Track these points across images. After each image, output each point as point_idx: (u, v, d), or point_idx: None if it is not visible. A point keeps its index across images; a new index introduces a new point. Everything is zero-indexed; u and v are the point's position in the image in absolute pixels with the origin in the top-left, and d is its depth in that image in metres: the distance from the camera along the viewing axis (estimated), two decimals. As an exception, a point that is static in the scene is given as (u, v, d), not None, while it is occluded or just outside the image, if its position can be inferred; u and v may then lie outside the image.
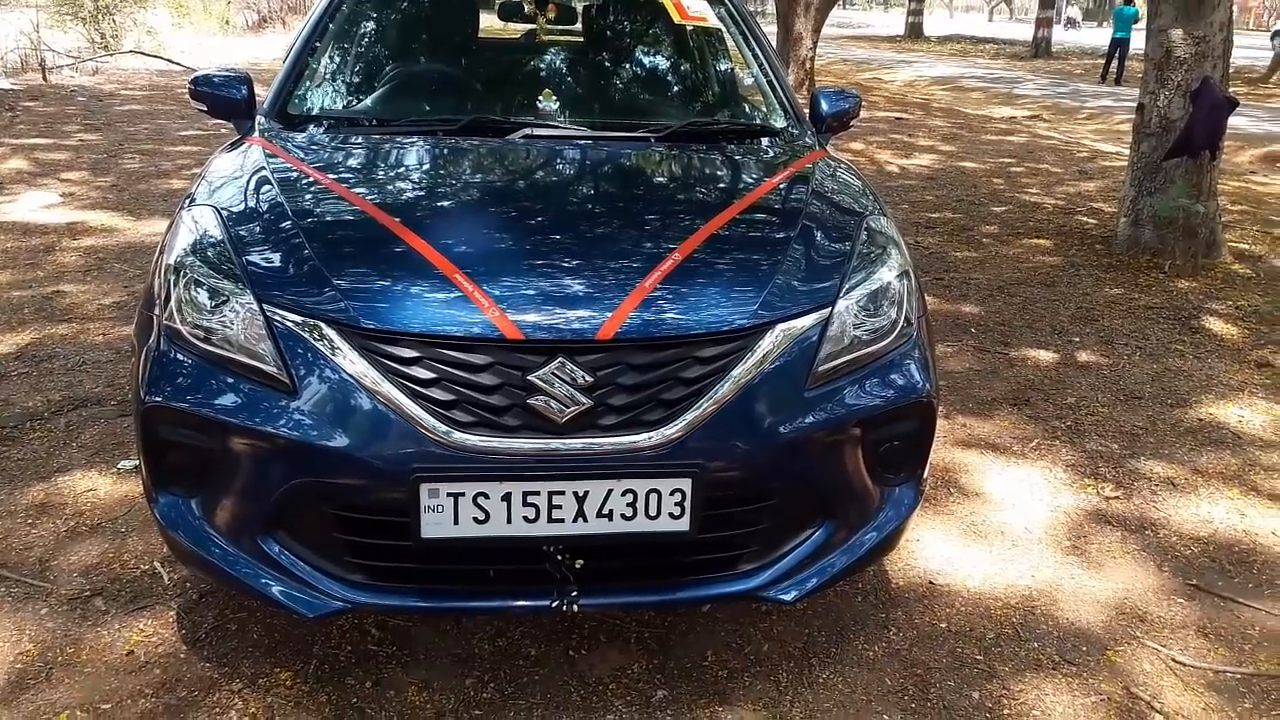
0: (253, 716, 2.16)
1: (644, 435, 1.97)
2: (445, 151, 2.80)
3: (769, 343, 2.07)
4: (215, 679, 2.26)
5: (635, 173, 2.83)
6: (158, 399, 2.05)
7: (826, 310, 2.17)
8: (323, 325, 1.99)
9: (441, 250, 2.15)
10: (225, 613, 2.48)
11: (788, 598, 2.16)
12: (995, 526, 3.07)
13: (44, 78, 12.62)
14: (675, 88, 3.57)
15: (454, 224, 2.36)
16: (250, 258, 2.14)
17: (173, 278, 2.15)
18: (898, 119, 13.47)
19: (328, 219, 2.31)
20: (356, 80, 3.34)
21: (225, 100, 2.97)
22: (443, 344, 1.96)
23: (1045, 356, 4.52)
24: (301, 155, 2.67)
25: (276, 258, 2.15)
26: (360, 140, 2.87)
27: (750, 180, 2.80)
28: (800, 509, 2.19)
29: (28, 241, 5.70)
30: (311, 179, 2.50)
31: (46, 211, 6.42)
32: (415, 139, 2.85)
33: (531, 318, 1.99)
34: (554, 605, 2.04)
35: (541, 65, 3.38)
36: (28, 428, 3.40)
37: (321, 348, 1.97)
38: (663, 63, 3.65)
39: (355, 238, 2.24)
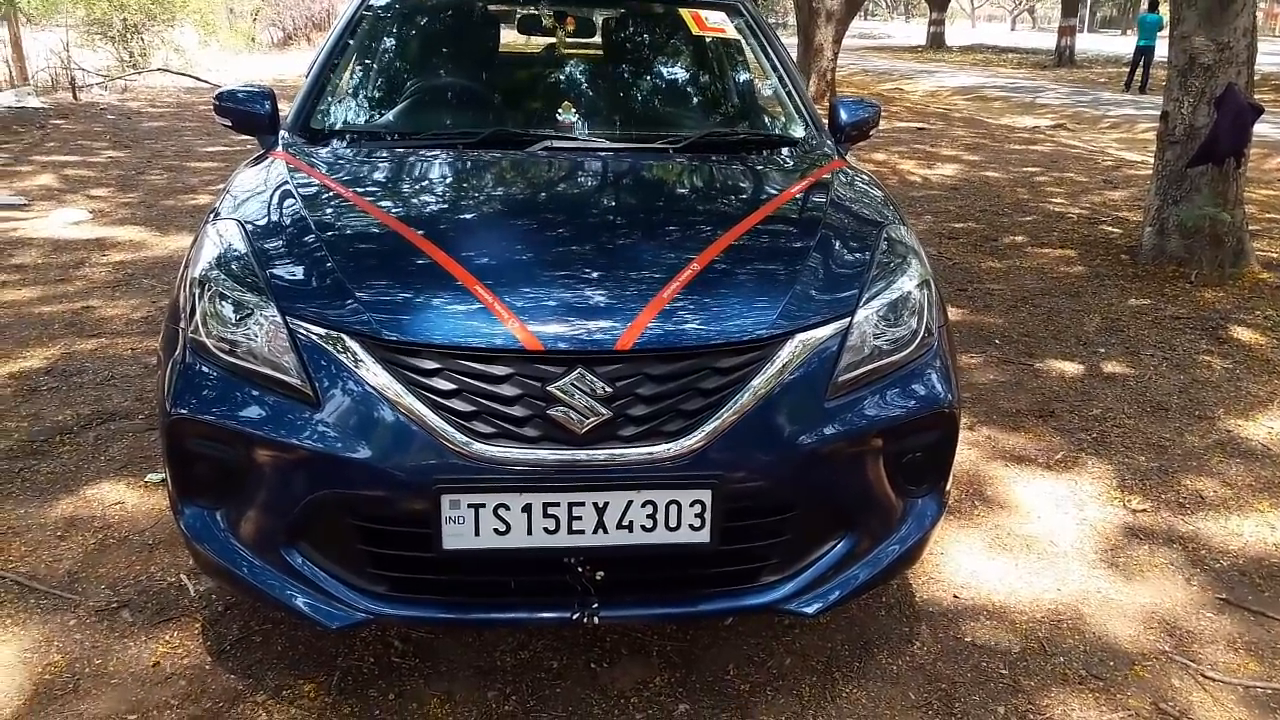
0: (277, 728, 2.17)
1: (663, 446, 1.98)
2: (466, 164, 2.82)
3: (788, 353, 2.07)
4: (240, 690, 2.27)
5: (654, 184, 2.84)
6: (183, 411, 2.07)
7: (846, 320, 2.16)
8: (345, 337, 2.00)
9: (462, 262, 2.16)
10: (250, 624, 2.50)
11: (810, 610, 2.15)
12: (1020, 539, 3.05)
13: (74, 96, 12.82)
14: (694, 99, 3.59)
15: (474, 236, 2.38)
16: (274, 271, 2.17)
17: (198, 291, 2.18)
18: (920, 129, 13.44)
19: (350, 232, 2.33)
20: (378, 95, 3.38)
21: (249, 115, 3.01)
22: (463, 355, 1.97)
23: (1070, 368, 4.49)
24: (324, 169, 2.70)
25: (300, 271, 2.17)
26: (382, 154, 2.90)
27: (769, 190, 2.80)
28: (822, 521, 2.18)
29: (57, 258, 5.78)
30: (334, 192, 2.53)
31: (75, 228, 6.51)
32: (436, 152, 2.88)
33: (551, 329, 2.00)
34: (575, 617, 2.04)
35: (561, 78, 3.40)
36: (57, 441, 3.45)
37: (344, 360, 1.99)
38: (682, 74, 3.66)
39: (377, 250, 2.26)
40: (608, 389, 1.96)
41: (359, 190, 2.56)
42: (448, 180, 2.75)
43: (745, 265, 2.28)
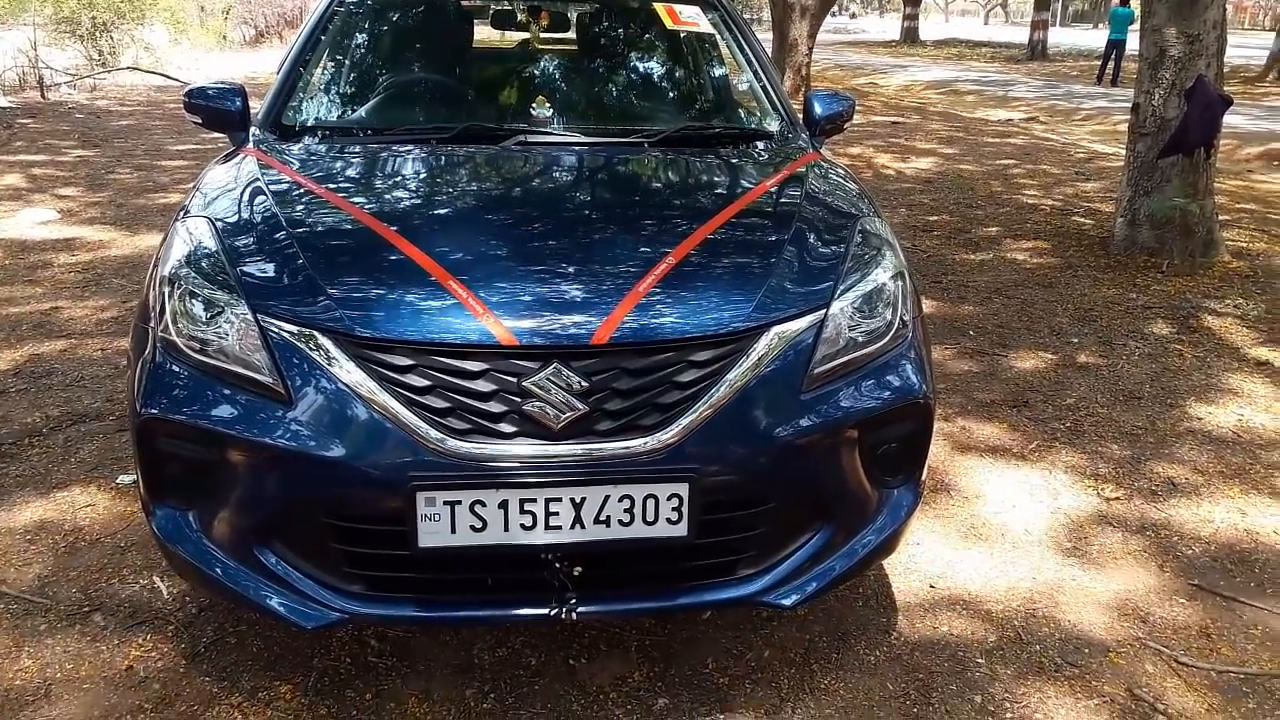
0: (252, 730, 2.15)
1: (640, 440, 1.97)
2: (439, 159, 2.81)
3: (764, 346, 2.07)
4: (215, 693, 2.25)
5: (629, 178, 2.83)
6: (153, 411, 2.05)
7: (821, 312, 2.17)
8: (317, 334, 1.99)
9: (436, 257, 2.15)
10: (225, 626, 2.47)
11: (787, 602, 2.15)
12: (995, 529, 3.07)
13: (42, 95, 12.66)
14: (669, 93, 3.58)
15: (448, 231, 2.36)
16: (244, 268, 2.14)
17: (167, 289, 2.15)
18: (894, 123, 13.49)
19: (322, 228, 2.31)
20: (350, 90, 3.35)
21: (220, 112, 2.98)
22: (437, 351, 1.96)
23: (1044, 358, 4.52)
24: (295, 165, 2.68)
25: (271, 268, 2.15)
26: (354, 150, 2.87)
27: (744, 184, 2.80)
28: (798, 513, 2.18)
29: (25, 258, 5.71)
30: (305, 189, 2.50)
31: (43, 227, 6.43)
32: (409, 147, 2.86)
33: (526, 323, 1.99)
34: (553, 614, 2.03)
35: (535, 72, 3.39)
36: (26, 444, 3.40)
37: (316, 357, 1.97)
38: (656, 68, 3.65)
39: (349, 246, 2.24)
40: (584, 383, 1.96)
41: (331, 186, 2.54)
42: (420, 175, 2.74)
43: (720, 259, 2.28)
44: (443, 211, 2.50)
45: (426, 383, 1.95)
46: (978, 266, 6.07)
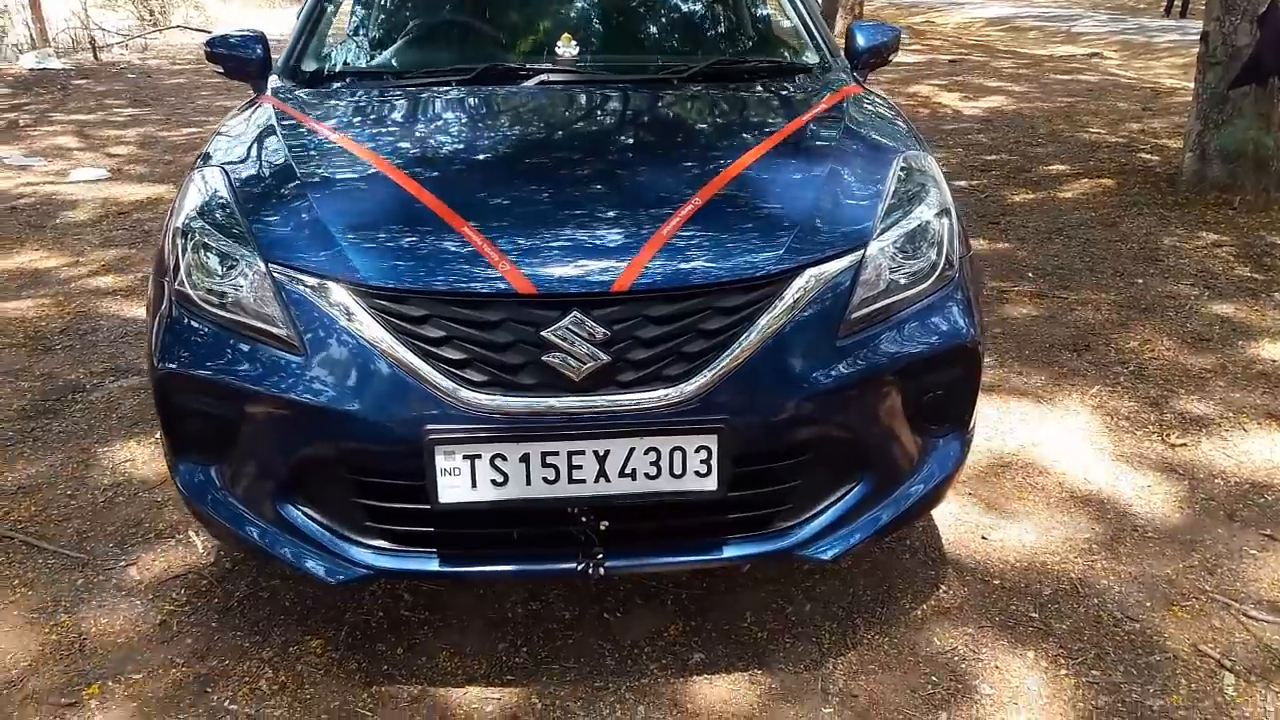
0: (282, 685, 2.13)
1: (665, 390, 1.88)
2: (457, 102, 2.71)
3: (797, 289, 1.96)
4: (246, 648, 2.24)
5: (655, 116, 2.71)
6: (170, 366, 2.01)
7: (859, 253, 2.04)
8: (330, 284, 1.92)
9: (451, 204, 2.07)
10: (257, 581, 2.46)
11: (826, 556, 2.06)
12: (1053, 477, 2.93)
13: (94, 56, 12.75)
14: (701, 28, 3.41)
15: (464, 176, 2.27)
16: (257, 218, 2.09)
17: (181, 241, 2.11)
18: (953, 61, 13.03)
19: (336, 176, 2.24)
20: (368, 35, 3.27)
21: (240, 60, 2.94)
22: (452, 300, 1.89)
23: (1107, 299, 4.31)
24: (311, 112, 2.61)
25: (283, 217, 2.09)
26: (371, 94, 2.79)
27: (778, 119, 2.66)
28: (837, 464, 2.08)
29: (75, 216, 5.75)
30: (320, 135, 2.43)
31: (93, 186, 6.48)
32: (429, 90, 2.77)
33: (544, 271, 1.91)
34: (580, 569, 1.97)
35: (561, 9, 3.25)
36: (70, 400, 3.42)
37: (329, 308, 1.91)
38: (688, 3, 3.49)
39: (363, 193, 2.17)
40: (605, 332, 1.87)
41: (346, 133, 2.46)
42: (438, 119, 2.64)
43: (751, 198, 2.16)
44: (460, 156, 2.41)
45: (442, 334, 1.88)
46: (1038, 206, 5.83)
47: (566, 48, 2.93)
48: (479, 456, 1.86)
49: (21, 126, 8.29)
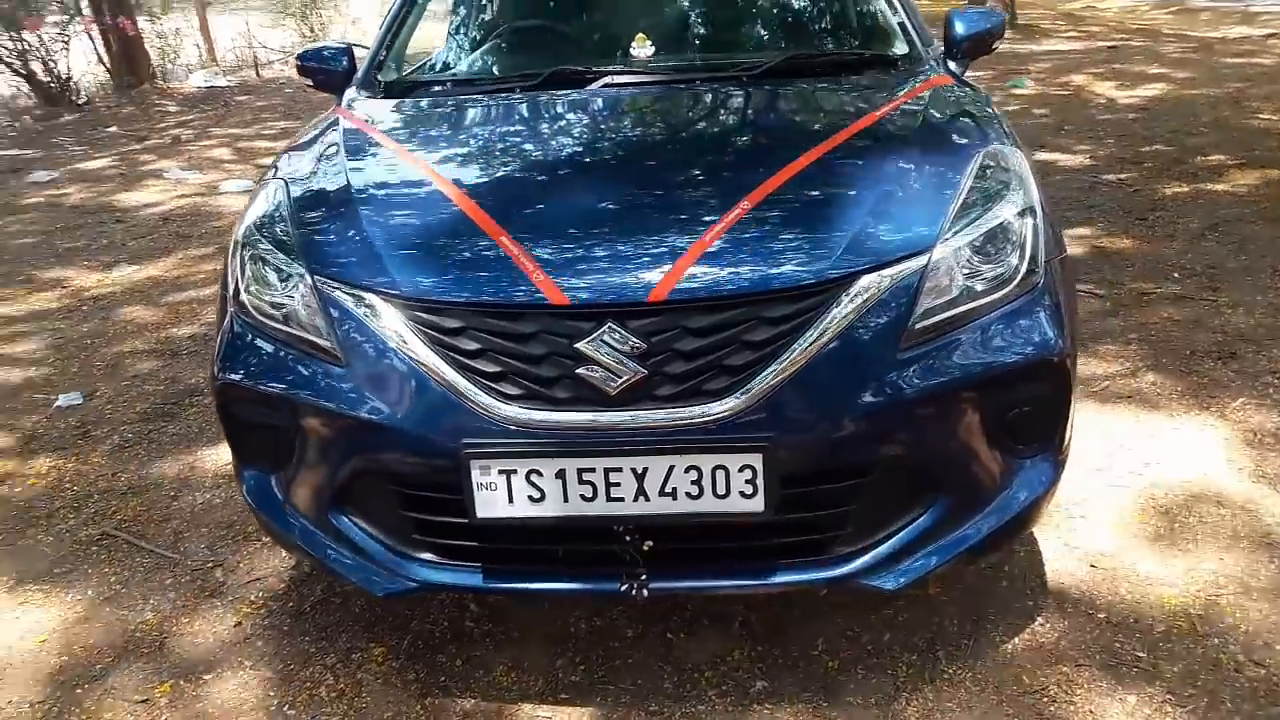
0: (341, 692, 2.14)
1: (706, 406, 1.79)
2: (518, 108, 2.70)
3: (852, 296, 1.83)
4: (312, 653, 2.26)
5: (717, 117, 2.62)
6: (227, 376, 2.04)
7: (925, 256, 1.89)
8: (369, 296, 1.91)
9: (492, 213, 2.03)
10: (331, 586, 2.48)
11: (888, 586, 1.91)
12: (1181, 500, 2.66)
13: (256, 73, 13.50)
14: (778, 21, 3.25)
15: (511, 185, 2.24)
16: (307, 230, 2.11)
17: (240, 254, 2.15)
18: (1112, 48, 12.27)
19: (386, 186, 2.25)
20: (456, 40, 3.29)
21: (329, 73, 3.00)
22: (486, 312, 1.85)
23: (1261, 302, 3.92)
24: (376, 122, 2.64)
25: (331, 228, 2.11)
26: (439, 103, 2.80)
27: (848, 115, 2.51)
28: (903, 486, 1.94)
29: (221, 226, 6.06)
30: (380, 146, 2.45)
31: (242, 198, 6.81)
32: (492, 97, 2.77)
33: (579, 281, 1.84)
34: (623, 590, 1.89)
35: (635, 9, 3.18)
36: (186, 404, 3.57)
37: (369, 320, 1.90)
38: None
39: (409, 203, 2.17)
40: (641, 345, 1.79)
41: (404, 143, 2.48)
42: (496, 127, 2.63)
43: (806, 200, 2.04)
44: (509, 164, 2.38)
45: (477, 346, 1.84)
46: (1191, 200, 5.38)
47: (641, 48, 2.86)
48: (514, 472, 1.81)
49: (183, 141, 8.82)
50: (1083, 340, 3.63)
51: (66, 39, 11.43)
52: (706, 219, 1.95)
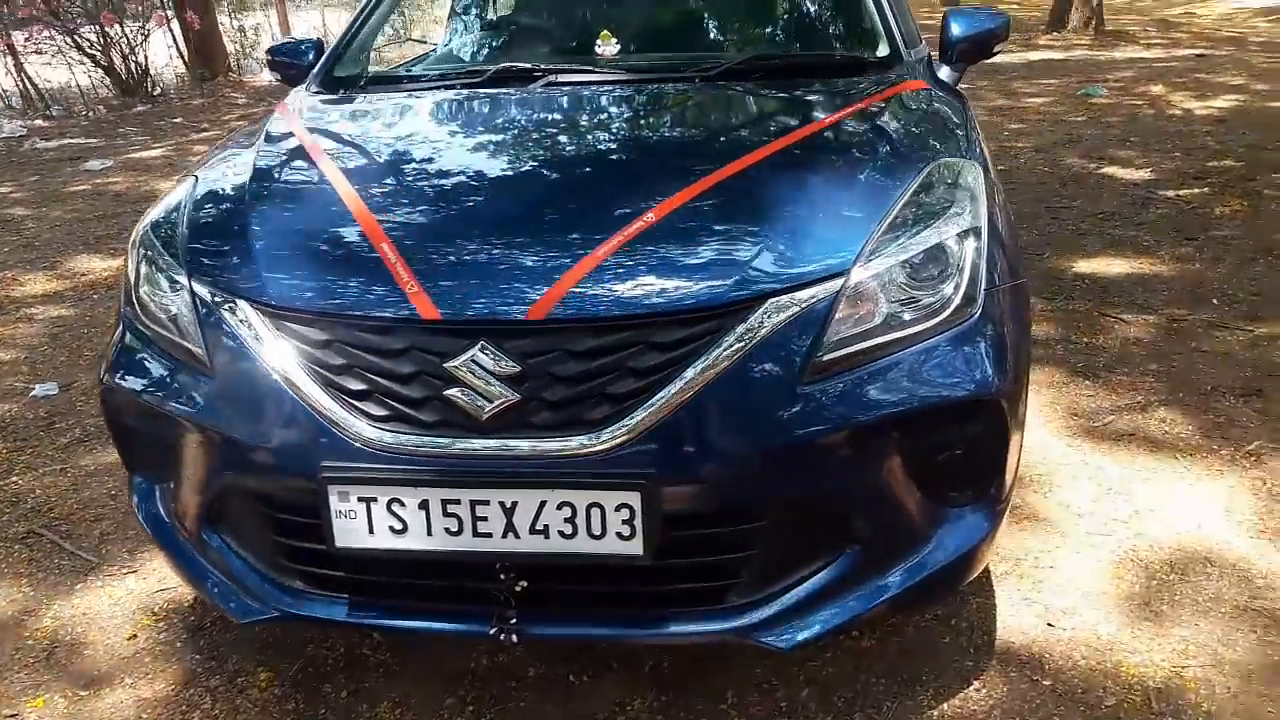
0: (214, 719, 2.03)
1: (583, 437, 1.62)
2: (450, 108, 2.56)
3: (753, 322, 1.64)
4: (198, 673, 2.15)
5: (651, 120, 2.45)
6: (112, 381, 1.95)
7: (840, 280, 1.70)
8: (240, 303, 1.79)
9: (380, 218, 1.89)
10: (239, 601, 2.38)
11: (783, 644, 1.73)
12: (1165, 555, 2.40)
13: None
14: (751, 19, 3.05)
15: (409, 189, 2.09)
16: (195, 230, 2.00)
17: (134, 253, 2.05)
18: (1199, 56, 11.67)
19: (285, 186, 2.13)
20: (398, 42, 3.17)
21: (298, 68, 2.91)
22: (354, 325, 1.71)
23: (1304, 335, 3.59)
24: (306, 119, 2.53)
25: (217, 230, 2.00)
26: (374, 101, 2.68)
27: (792, 122, 2.31)
28: (808, 533, 1.75)
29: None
30: (297, 144, 2.34)
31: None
32: (429, 96, 2.65)
33: (455, 294, 1.69)
34: (493, 633, 1.74)
35: (600, 6, 3.01)
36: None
37: (239, 329, 1.78)
38: None
39: (301, 205, 2.04)
40: (516, 367, 1.63)
41: (321, 141, 2.35)
42: (420, 127, 2.50)
43: (717, 214, 1.86)
44: (416, 166, 2.23)
45: (343, 361, 1.70)
46: (1250, 220, 5.01)
47: (606, 45, 2.69)
48: (375, 500, 1.67)
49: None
50: (1095, 369, 3.37)
51: (146, 32, 11.72)
52: (604, 231, 1.79)
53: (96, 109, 11.10)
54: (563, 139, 2.34)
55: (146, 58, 11.84)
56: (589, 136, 2.35)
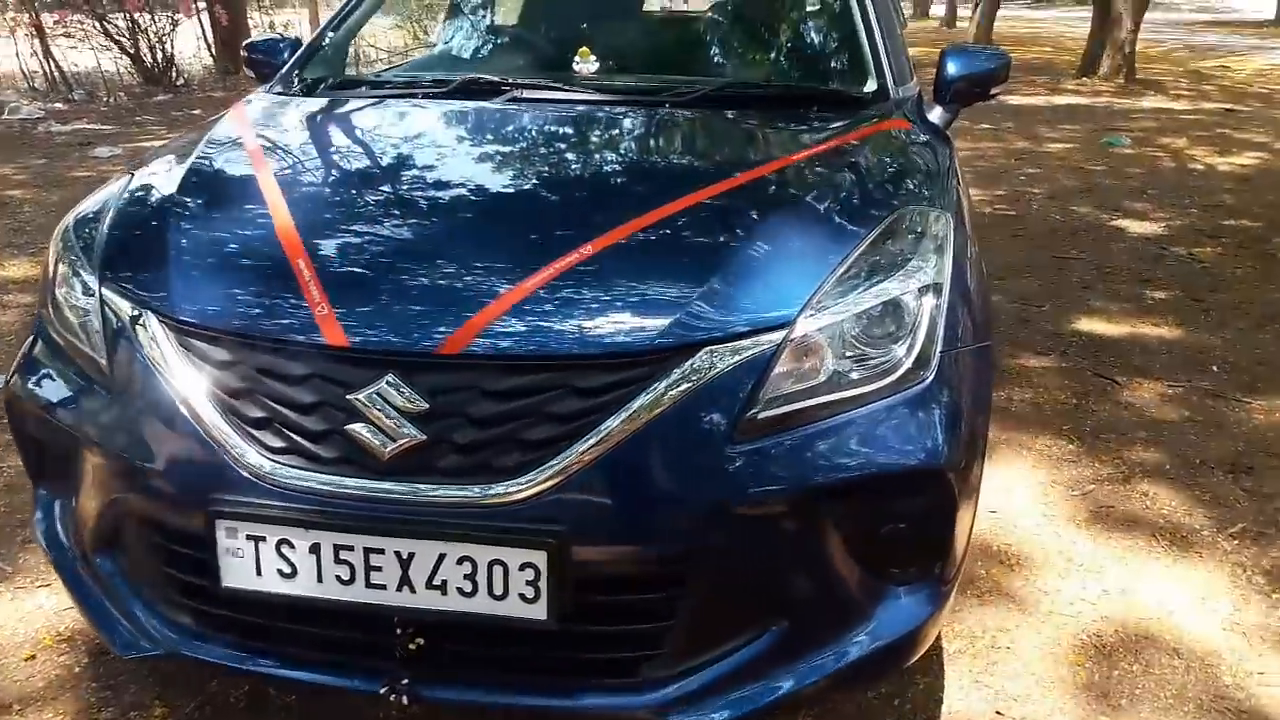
0: (98, 756, 1.91)
1: (489, 487, 1.50)
2: (404, 118, 2.46)
3: (684, 371, 1.52)
4: (91, 704, 2.03)
5: (608, 145, 2.33)
6: (16, 384, 1.84)
7: (781, 332, 1.57)
8: (145, 314, 1.68)
9: (302, 231, 1.78)
10: (150, 625, 2.26)
11: (699, 726, 1.59)
12: (1129, 642, 2.26)
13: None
14: (736, 46, 2.93)
15: (339, 203, 1.98)
16: (114, 233, 1.90)
17: (53, 250, 1.95)
18: (1228, 111, 11.52)
19: (213, 191, 2.02)
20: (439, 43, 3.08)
21: (273, 66, 2.82)
22: (258, 345, 1.59)
23: (1304, 411, 3.44)
24: (256, 122, 2.43)
25: (136, 234, 1.90)
26: (330, 106, 2.58)
27: (757, 157, 2.20)
28: (734, 604, 1.61)
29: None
30: (239, 147, 2.24)
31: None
32: (388, 105, 2.55)
33: (364, 320, 1.58)
34: (383, 693, 1.61)
35: (583, 23, 2.91)
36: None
37: (142, 341, 1.67)
38: (727, 20, 3.02)
39: (225, 213, 1.93)
40: (424, 404, 1.51)
41: (264, 146, 2.25)
42: (366, 137, 2.40)
43: (657, 252, 1.74)
44: (351, 179, 2.12)
45: (244, 385, 1.58)
46: (1261, 283, 4.86)
47: (585, 63, 2.58)
48: (264, 539, 1.55)
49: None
50: (1081, 433, 3.22)
51: (175, 21, 11.75)
52: (535, 263, 1.67)
53: (118, 96, 11.11)
54: (513, 160, 2.22)
55: (173, 47, 11.88)
56: (541, 159, 2.24)
